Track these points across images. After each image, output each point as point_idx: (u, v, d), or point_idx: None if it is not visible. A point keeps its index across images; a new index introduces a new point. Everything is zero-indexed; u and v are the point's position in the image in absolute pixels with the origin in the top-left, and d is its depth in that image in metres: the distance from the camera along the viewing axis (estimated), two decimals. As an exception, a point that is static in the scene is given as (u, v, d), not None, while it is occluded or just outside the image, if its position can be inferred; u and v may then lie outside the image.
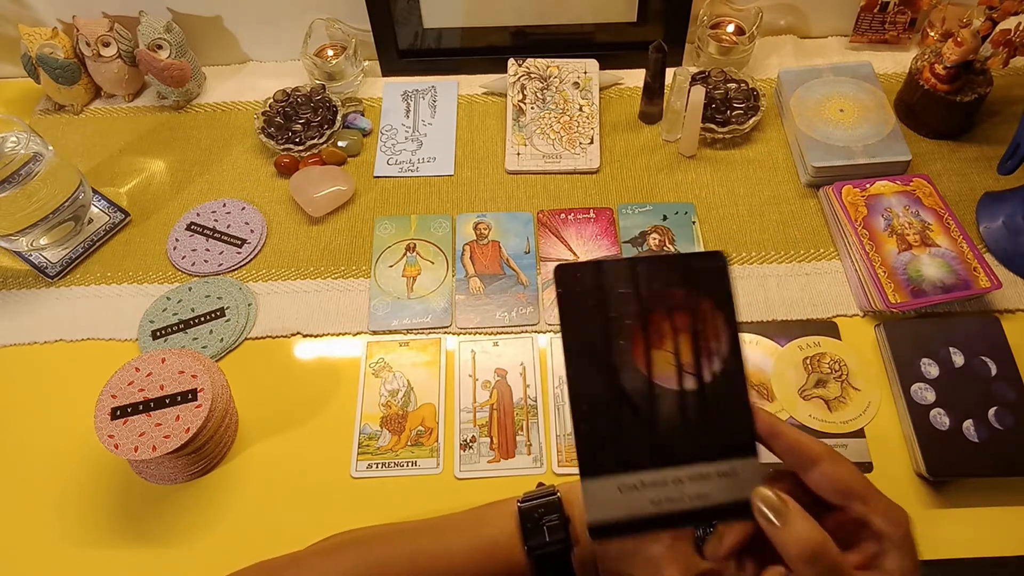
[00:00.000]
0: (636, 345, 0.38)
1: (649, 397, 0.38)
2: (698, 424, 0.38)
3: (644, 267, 0.38)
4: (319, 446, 0.71)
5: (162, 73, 0.93)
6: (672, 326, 0.38)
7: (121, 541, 0.66)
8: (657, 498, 0.38)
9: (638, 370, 0.38)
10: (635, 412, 0.38)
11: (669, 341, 0.38)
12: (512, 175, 0.90)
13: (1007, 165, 0.78)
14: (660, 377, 0.38)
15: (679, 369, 0.38)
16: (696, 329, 0.38)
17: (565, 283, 0.38)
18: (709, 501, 0.38)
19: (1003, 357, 0.69)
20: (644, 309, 0.38)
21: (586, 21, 0.95)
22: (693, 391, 0.38)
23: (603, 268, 0.38)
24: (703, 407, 0.38)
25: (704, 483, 0.38)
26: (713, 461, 0.38)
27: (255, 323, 0.79)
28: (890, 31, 0.97)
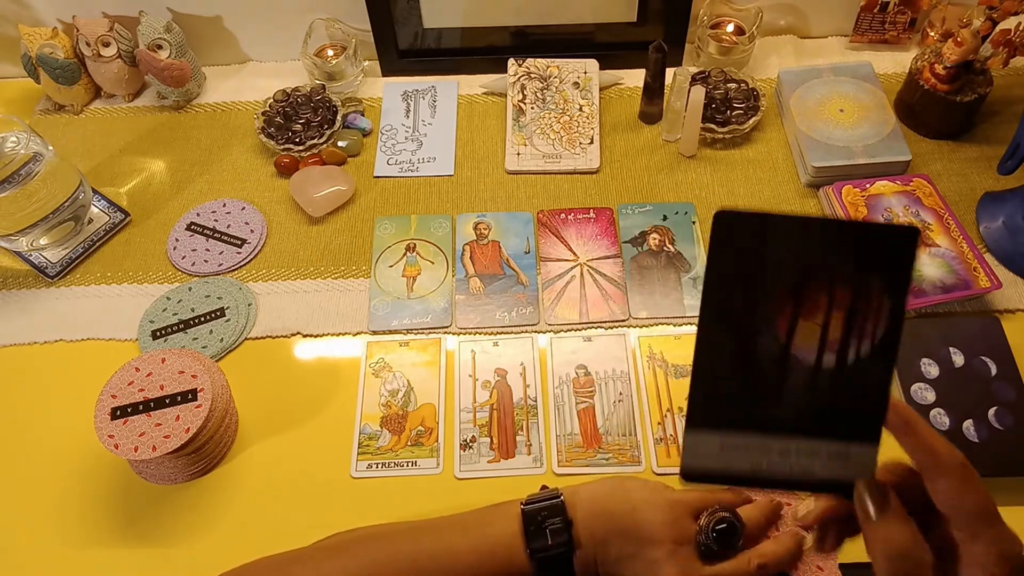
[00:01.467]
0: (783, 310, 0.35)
1: (781, 365, 0.35)
2: (825, 403, 0.36)
3: (819, 229, 0.35)
4: (319, 446, 0.71)
5: (162, 73, 0.93)
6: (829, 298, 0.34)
7: (121, 541, 0.66)
8: (758, 461, 0.37)
9: (777, 336, 0.35)
10: (761, 376, 0.36)
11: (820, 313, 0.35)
12: (512, 175, 0.90)
13: (1007, 165, 0.78)
14: (799, 348, 0.35)
15: (821, 344, 0.35)
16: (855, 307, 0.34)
17: (724, 229, 0.35)
18: (810, 476, 0.36)
19: (1003, 357, 0.69)
20: (803, 275, 0.35)
21: (586, 21, 0.95)
22: (830, 369, 0.35)
23: (771, 222, 0.34)
24: (835, 387, 0.35)
25: (811, 459, 0.36)
26: (829, 440, 0.36)
27: (255, 323, 0.79)
28: (890, 31, 0.97)
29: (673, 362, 0.74)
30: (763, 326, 0.35)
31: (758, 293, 0.35)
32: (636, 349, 0.75)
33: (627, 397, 0.72)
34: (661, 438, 0.70)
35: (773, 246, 0.34)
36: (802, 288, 0.35)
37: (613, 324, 0.77)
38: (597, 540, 0.50)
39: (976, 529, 0.36)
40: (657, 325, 0.77)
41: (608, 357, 0.75)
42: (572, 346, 0.76)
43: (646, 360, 0.75)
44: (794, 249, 0.34)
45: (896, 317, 0.34)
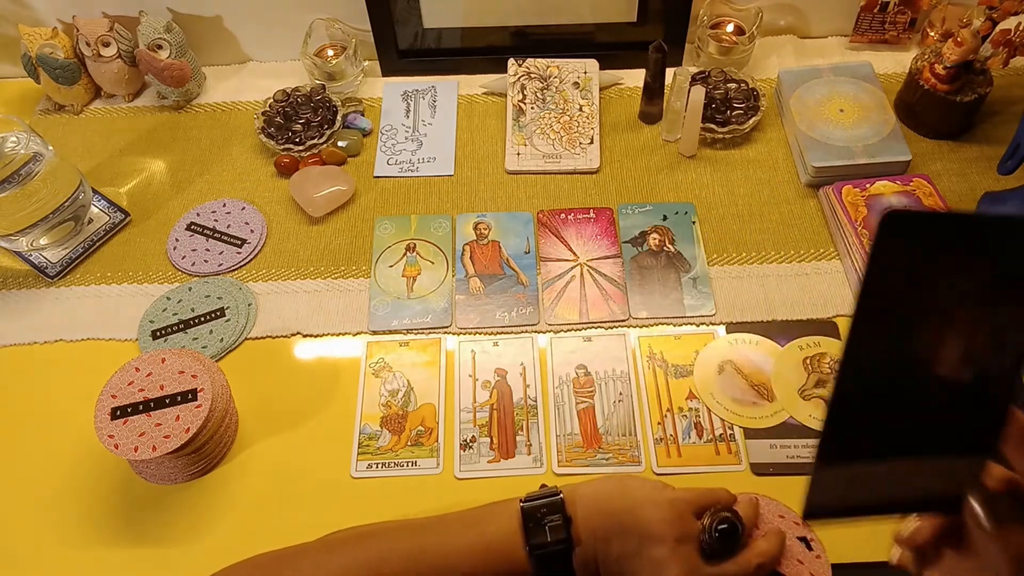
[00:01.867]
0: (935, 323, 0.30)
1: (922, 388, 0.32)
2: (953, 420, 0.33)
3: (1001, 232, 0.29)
4: (319, 446, 0.71)
5: (162, 73, 0.93)
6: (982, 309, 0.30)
7: (121, 541, 0.66)
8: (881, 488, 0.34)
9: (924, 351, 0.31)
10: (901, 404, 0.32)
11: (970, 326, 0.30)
12: (512, 175, 0.90)
13: (1007, 165, 0.78)
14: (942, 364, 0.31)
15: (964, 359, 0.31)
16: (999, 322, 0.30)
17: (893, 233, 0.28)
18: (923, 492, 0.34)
19: (1003, 357, 0.69)
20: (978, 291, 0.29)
21: (586, 21, 0.95)
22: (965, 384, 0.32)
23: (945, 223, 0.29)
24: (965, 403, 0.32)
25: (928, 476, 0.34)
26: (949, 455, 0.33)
27: (255, 323, 0.79)
28: (890, 31, 0.97)
29: (673, 362, 0.74)
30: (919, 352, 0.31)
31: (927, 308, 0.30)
32: (636, 349, 0.75)
33: (627, 397, 0.72)
34: (661, 438, 0.70)
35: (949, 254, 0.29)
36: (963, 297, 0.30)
37: (613, 324, 0.77)
38: (597, 537, 0.50)
39: None
40: (657, 325, 0.77)
41: (608, 357, 0.75)
42: (572, 346, 0.76)
43: (646, 360, 0.75)
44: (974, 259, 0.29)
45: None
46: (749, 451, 0.68)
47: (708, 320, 0.77)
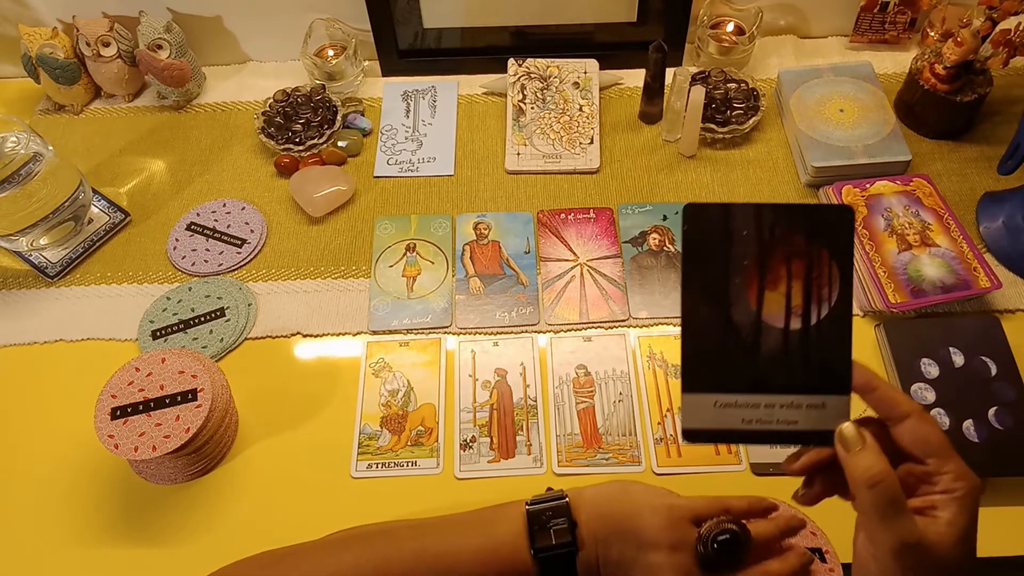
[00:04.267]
0: (751, 283, 0.41)
1: (755, 331, 0.41)
2: (797, 360, 0.41)
3: (770, 213, 0.41)
4: (319, 446, 0.71)
5: (162, 73, 0.93)
6: (788, 271, 0.41)
7: (121, 541, 0.66)
8: (748, 417, 0.42)
9: (748, 306, 0.41)
10: (740, 342, 0.42)
11: (783, 284, 0.41)
12: (512, 175, 0.90)
13: (1007, 165, 0.78)
14: (769, 315, 0.41)
15: (788, 310, 0.41)
16: (810, 276, 0.41)
17: (693, 220, 0.41)
18: (795, 427, 0.42)
19: (1003, 357, 0.69)
20: (763, 252, 0.41)
21: (586, 21, 0.95)
22: (797, 331, 0.41)
23: (731, 211, 0.41)
24: (804, 346, 0.41)
25: (794, 411, 0.42)
26: (806, 394, 0.42)
27: (255, 323, 0.79)
28: (890, 31, 0.97)
29: (673, 362, 0.74)
30: (737, 298, 0.41)
31: (729, 268, 0.41)
32: (636, 349, 0.75)
33: (627, 397, 0.72)
34: (661, 438, 0.70)
35: (736, 229, 0.41)
36: (765, 263, 0.41)
37: (613, 324, 0.77)
38: (599, 541, 0.50)
39: (942, 457, 0.41)
40: (657, 325, 0.77)
41: (608, 357, 0.75)
42: (572, 346, 0.76)
43: (646, 360, 0.75)
44: (753, 231, 0.41)
45: (845, 284, 0.41)
46: (749, 451, 0.68)
47: (708, 320, 0.77)
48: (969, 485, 0.41)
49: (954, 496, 0.41)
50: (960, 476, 0.41)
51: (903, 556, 0.39)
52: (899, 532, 0.39)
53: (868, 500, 0.40)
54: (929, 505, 0.41)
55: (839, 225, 0.41)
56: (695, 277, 0.42)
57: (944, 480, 0.41)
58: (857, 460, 0.40)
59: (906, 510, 0.40)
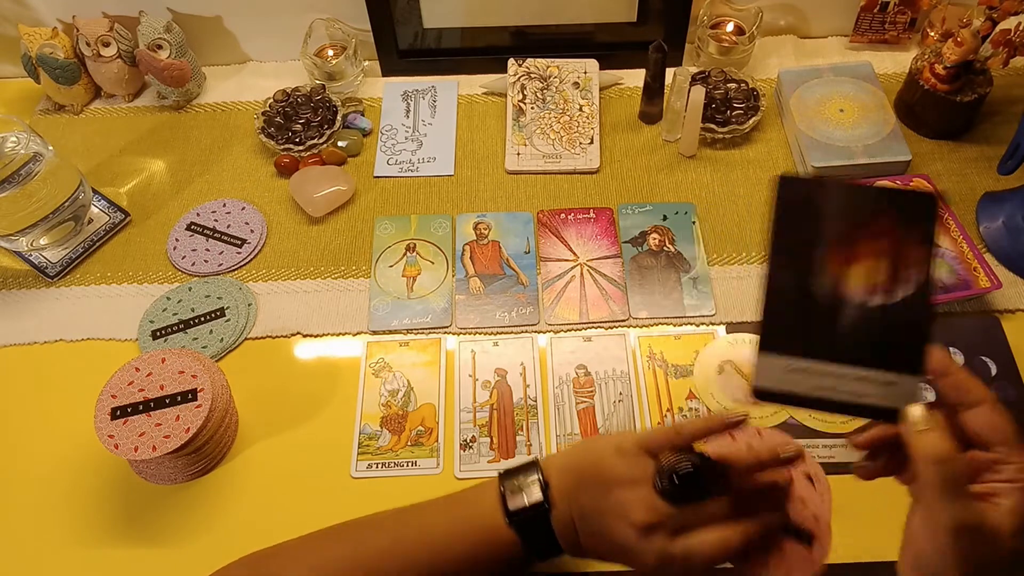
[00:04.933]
0: (835, 256, 0.42)
1: (835, 301, 0.42)
2: (876, 336, 0.42)
3: (861, 192, 0.43)
4: (319, 446, 0.71)
5: (162, 73, 0.93)
6: (874, 248, 0.42)
7: (121, 541, 0.66)
8: (818, 385, 0.42)
9: (833, 277, 0.42)
10: (820, 311, 0.42)
11: (868, 260, 0.42)
12: (512, 175, 0.90)
13: (1007, 165, 0.78)
14: (851, 288, 0.42)
15: (870, 285, 0.42)
16: (896, 256, 0.42)
17: (785, 190, 0.43)
18: (863, 400, 0.42)
19: (1003, 357, 0.69)
20: (852, 228, 0.42)
21: (586, 21, 0.95)
22: (877, 307, 0.42)
23: (824, 186, 0.43)
24: (884, 323, 0.42)
25: (864, 384, 0.42)
26: (880, 370, 0.42)
27: (255, 323, 0.79)
28: (890, 31, 0.97)
29: (673, 362, 0.74)
30: (821, 269, 0.42)
31: (817, 240, 0.42)
32: (636, 349, 0.75)
33: (627, 397, 0.72)
34: (661, 438, 0.70)
35: (827, 204, 0.42)
36: (852, 239, 0.42)
37: (613, 324, 0.77)
38: (569, 496, 0.51)
39: (1011, 447, 0.41)
40: (657, 325, 0.77)
41: (608, 357, 0.75)
42: (572, 346, 0.76)
43: (646, 360, 0.75)
44: (844, 208, 0.42)
45: (927, 267, 0.41)
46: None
47: (708, 320, 0.77)
48: None
49: (1019, 485, 0.41)
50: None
51: (962, 537, 0.39)
52: (961, 512, 0.39)
53: (933, 476, 0.40)
54: (991, 492, 0.41)
55: (925, 211, 0.41)
56: (783, 243, 0.42)
57: (1010, 469, 0.41)
58: (925, 438, 0.40)
59: (969, 492, 0.40)
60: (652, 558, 0.47)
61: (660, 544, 0.47)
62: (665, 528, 0.47)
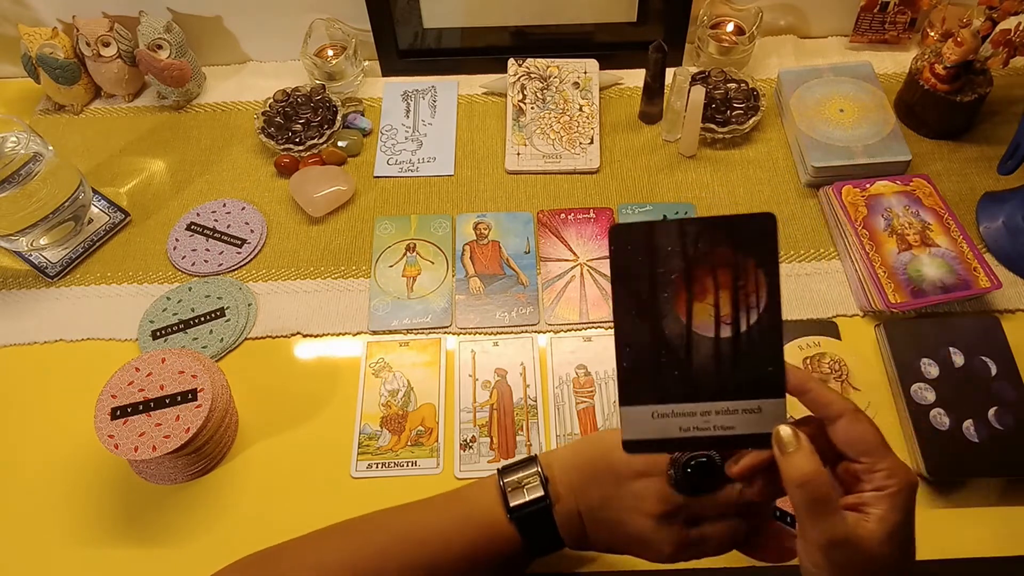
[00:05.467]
0: (679, 297, 0.42)
1: (686, 342, 0.42)
2: (730, 368, 0.42)
3: (693, 228, 0.42)
4: (319, 446, 0.71)
5: (162, 73, 0.93)
6: (715, 281, 0.42)
7: (121, 541, 0.66)
8: (686, 425, 0.43)
9: (678, 318, 0.42)
10: (672, 354, 0.43)
11: (710, 294, 0.42)
12: (512, 175, 0.90)
13: (1007, 165, 0.78)
14: (699, 326, 0.42)
15: (717, 319, 0.42)
16: (737, 285, 0.42)
17: (618, 240, 0.43)
18: (733, 432, 0.43)
19: (1003, 357, 0.69)
20: (689, 265, 0.42)
21: (586, 21, 0.95)
22: (728, 339, 0.42)
23: (654, 228, 0.42)
24: (736, 353, 0.42)
25: (730, 417, 0.43)
26: (741, 400, 0.42)
27: (255, 323, 0.79)
28: (890, 31, 0.97)
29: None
30: (666, 311, 0.42)
31: (657, 284, 0.42)
32: (636, 349, 0.75)
33: (627, 397, 0.72)
34: (661, 438, 0.70)
35: (660, 246, 0.42)
36: (691, 276, 0.42)
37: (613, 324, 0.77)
38: (576, 490, 0.51)
39: (875, 456, 0.42)
40: (657, 325, 0.77)
41: (608, 357, 0.75)
42: (572, 346, 0.76)
43: (646, 360, 0.74)
44: (678, 246, 0.42)
45: (772, 290, 0.41)
46: (749, 451, 0.68)
47: (708, 320, 0.77)
48: (902, 482, 0.42)
49: (886, 493, 0.41)
50: (893, 473, 0.42)
51: (832, 553, 0.40)
52: (827, 530, 0.40)
53: (798, 499, 0.41)
54: (861, 502, 0.42)
55: (762, 233, 0.41)
56: (624, 294, 0.43)
57: (876, 477, 0.42)
58: (790, 460, 0.41)
59: (835, 508, 0.41)
60: (668, 546, 0.48)
61: (676, 532, 0.48)
62: (681, 516, 0.48)
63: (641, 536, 0.49)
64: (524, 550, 0.52)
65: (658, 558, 0.49)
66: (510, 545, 0.51)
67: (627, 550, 0.51)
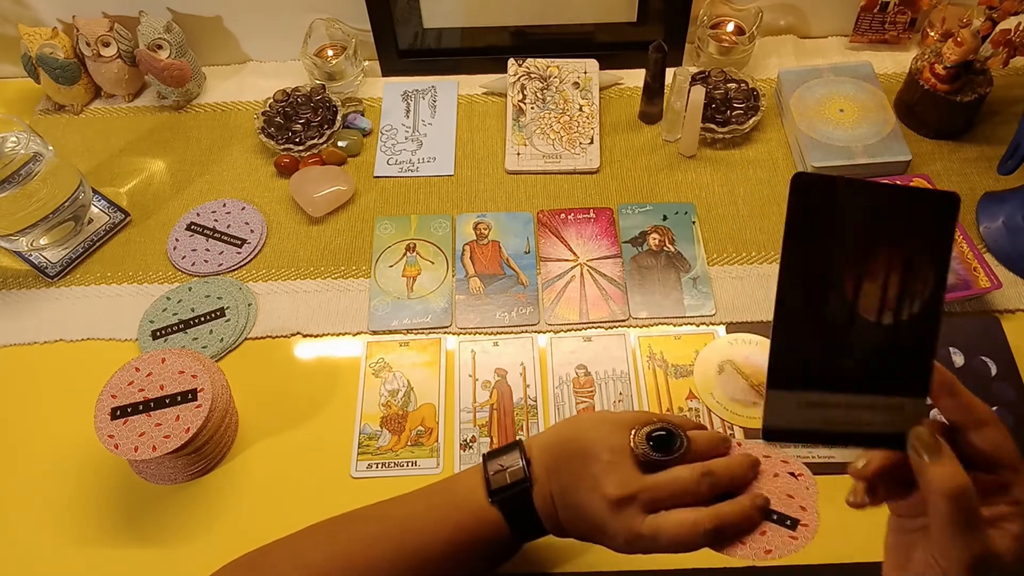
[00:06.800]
0: (849, 272, 0.39)
1: (848, 326, 0.39)
2: (884, 359, 0.39)
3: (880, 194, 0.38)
4: (319, 446, 0.71)
5: (162, 73, 0.93)
6: (887, 260, 0.38)
7: (121, 541, 0.66)
8: (829, 417, 0.40)
9: (845, 295, 0.39)
10: (833, 336, 0.39)
11: (881, 275, 0.39)
12: (512, 175, 0.90)
13: (1007, 165, 0.78)
14: (864, 308, 0.39)
15: (882, 304, 0.39)
16: (908, 267, 0.38)
17: (801, 192, 0.38)
18: (871, 428, 0.40)
19: (1003, 357, 0.69)
20: (868, 238, 0.38)
21: (586, 21, 0.95)
22: (888, 327, 0.39)
23: (837, 185, 0.38)
24: (892, 344, 0.39)
25: (872, 412, 0.40)
26: (887, 395, 0.40)
27: (255, 323, 0.79)
28: (890, 31, 0.97)
29: (673, 362, 0.74)
30: (835, 288, 0.38)
31: (832, 254, 0.38)
32: (636, 349, 0.75)
33: (627, 397, 0.72)
34: (661, 438, 0.70)
35: (843, 209, 0.38)
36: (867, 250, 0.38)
37: (613, 324, 0.77)
38: (549, 471, 0.51)
39: (1014, 468, 0.40)
40: (657, 325, 0.77)
41: (608, 357, 0.75)
42: (572, 346, 0.76)
43: (646, 360, 0.75)
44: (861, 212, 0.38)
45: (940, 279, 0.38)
46: (749, 451, 0.68)
47: (708, 320, 0.77)
48: None
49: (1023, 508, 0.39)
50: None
51: (978, 571, 0.37)
52: (976, 546, 0.37)
53: (946, 511, 0.37)
54: (999, 516, 0.39)
55: (944, 214, 0.38)
56: (799, 257, 0.39)
57: (1016, 492, 0.40)
58: (937, 469, 0.38)
59: (982, 524, 0.38)
60: (622, 534, 0.47)
61: (630, 520, 0.47)
62: (637, 503, 0.47)
63: (597, 520, 0.48)
64: (510, 535, 0.51)
65: (613, 546, 0.48)
66: (495, 530, 0.51)
67: (589, 536, 0.50)
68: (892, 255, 0.38)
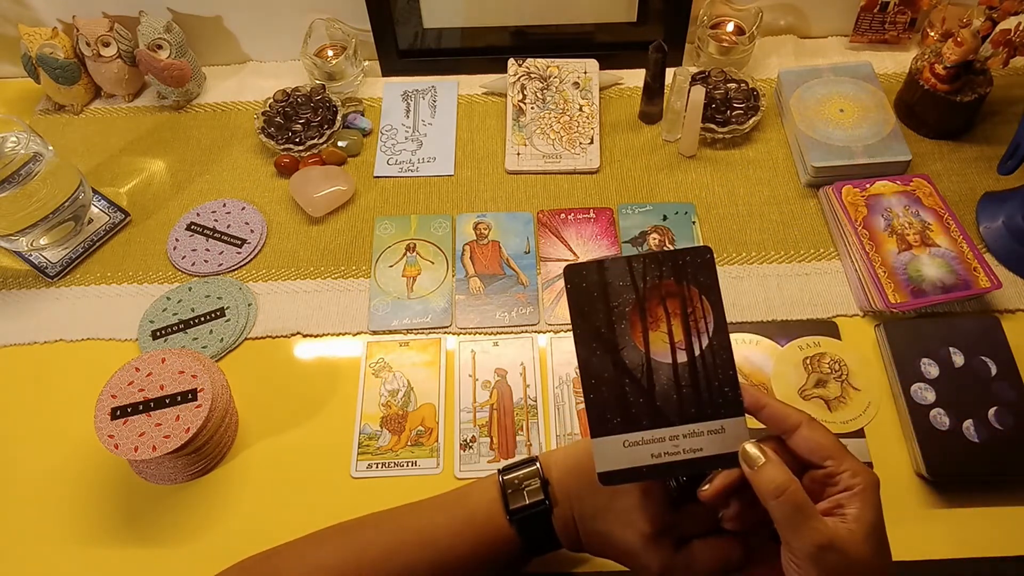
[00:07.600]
0: (635, 327, 0.45)
1: (647, 370, 0.45)
2: (690, 391, 0.45)
3: (640, 263, 0.46)
4: (319, 446, 0.71)
5: (162, 73, 0.93)
6: (665, 310, 0.45)
7: (121, 541, 0.66)
8: (656, 452, 0.45)
9: (637, 348, 0.45)
10: (635, 383, 0.45)
11: (663, 323, 0.45)
12: (512, 175, 0.90)
13: (1007, 165, 0.78)
14: (656, 353, 0.45)
15: (672, 345, 0.45)
16: (686, 312, 0.45)
17: (573, 280, 0.46)
18: (701, 453, 0.45)
19: (1003, 357, 0.69)
20: (641, 297, 0.45)
21: (586, 21, 0.95)
22: (685, 363, 0.45)
23: (605, 265, 0.46)
24: (694, 376, 0.45)
25: (697, 439, 0.45)
26: (705, 421, 0.45)
27: (255, 323, 0.79)
28: (890, 31, 0.97)
29: (673, 362, 0.74)
30: (625, 343, 0.45)
31: (613, 317, 0.45)
32: (636, 349, 0.75)
33: (627, 397, 0.72)
34: (661, 438, 0.70)
35: (612, 282, 0.46)
36: (644, 307, 0.45)
37: (613, 324, 0.77)
38: (571, 496, 0.51)
39: (837, 459, 0.44)
40: (657, 325, 0.77)
41: (608, 357, 0.75)
42: (572, 346, 0.76)
43: (646, 360, 0.74)
44: (628, 280, 0.46)
45: (718, 314, 0.45)
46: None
47: (708, 320, 0.77)
48: (868, 480, 0.43)
49: (856, 491, 0.42)
50: (856, 473, 0.43)
51: (820, 559, 0.41)
52: (811, 536, 0.41)
53: (777, 511, 0.41)
54: (835, 504, 0.43)
55: (701, 264, 0.45)
56: (585, 330, 0.45)
57: (843, 478, 0.43)
58: (761, 474, 0.42)
59: (814, 514, 0.41)
60: (656, 566, 0.48)
61: (665, 553, 0.47)
62: (669, 537, 0.48)
63: (631, 552, 0.49)
64: (523, 550, 0.52)
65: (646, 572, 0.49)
66: (510, 545, 0.52)
67: (616, 560, 0.51)
68: (667, 307, 0.45)
